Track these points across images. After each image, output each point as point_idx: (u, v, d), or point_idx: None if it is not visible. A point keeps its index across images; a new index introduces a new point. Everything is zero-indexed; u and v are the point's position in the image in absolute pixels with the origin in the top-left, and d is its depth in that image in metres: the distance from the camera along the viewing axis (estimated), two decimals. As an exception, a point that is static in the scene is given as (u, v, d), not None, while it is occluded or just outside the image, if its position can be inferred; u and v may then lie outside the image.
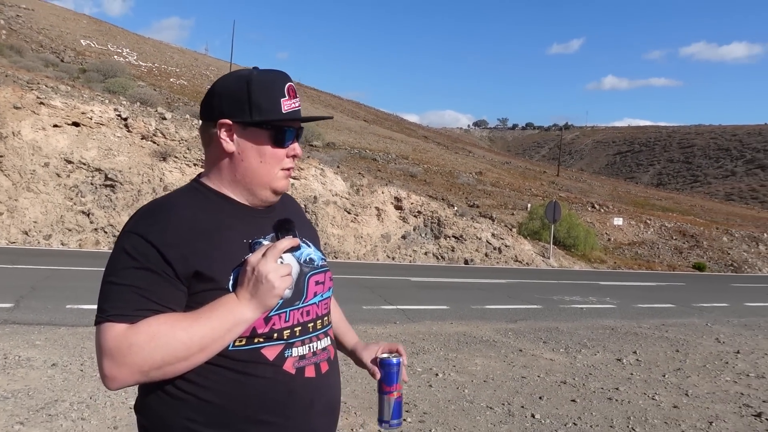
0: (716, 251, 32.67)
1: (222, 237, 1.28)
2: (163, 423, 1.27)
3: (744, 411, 5.44)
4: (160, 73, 47.54)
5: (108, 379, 1.18)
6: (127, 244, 1.23)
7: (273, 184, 1.37)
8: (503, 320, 9.47)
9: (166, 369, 1.19)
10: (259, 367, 1.27)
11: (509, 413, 4.93)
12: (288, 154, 1.37)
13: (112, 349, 1.17)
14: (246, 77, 1.33)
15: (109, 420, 4.10)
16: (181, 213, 1.28)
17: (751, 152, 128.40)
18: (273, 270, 1.23)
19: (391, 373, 1.50)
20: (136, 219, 1.28)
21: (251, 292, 1.22)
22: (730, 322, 10.96)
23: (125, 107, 19.65)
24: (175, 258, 1.21)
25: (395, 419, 1.50)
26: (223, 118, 1.32)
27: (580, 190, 52.38)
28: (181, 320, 1.20)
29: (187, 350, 1.19)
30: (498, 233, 23.42)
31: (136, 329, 1.17)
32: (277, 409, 1.29)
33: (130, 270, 1.20)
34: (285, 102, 1.34)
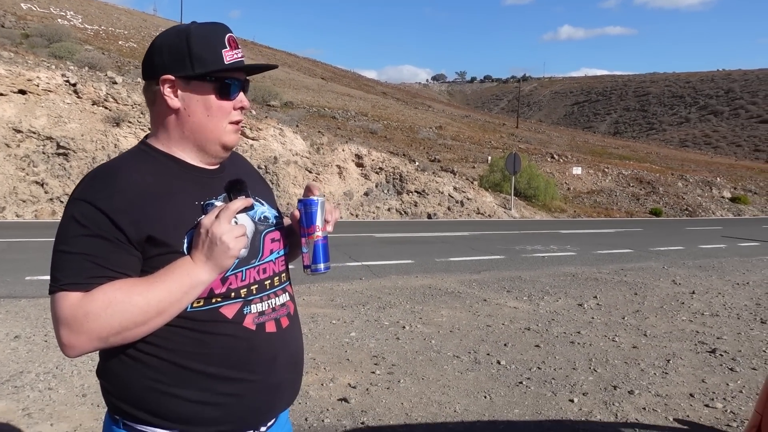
0: (672, 197, 33.55)
1: (173, 200, 1.27)
2: (127, 386, 1.27)
3: (699, 348, 5.68)
4: (107, 36, 45.81)
5: (66, 347, 1.18)
6: (76, 211, 1.20)
7: (222, 138, 1.34)
8: (467, 272, 9.62)
9: (124, 334, 1.19)
10: (218, 325, 1.28)
11: (476, 361, 5.05)
12: (235, 106, 1.34)
13: (68, 317, 1.16)
14: (185, 31, 1.30)
15: (77, 388, 4.07)
16: (129, 177, 1.25)
17: (704, 99, 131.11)
18: (227, 231, 1.22)
19: (309, 213, 1.42)
20: (84, 185, 1.25)
21: (206, 254, 1.21)
22: (686, 264, 11.34)
23: (73, 72, 18.96)
24: (126, 223, 1.19)
25: (319, 263, 1.43)
26: (166, 74, 1.29)
27: (540, 141, 52.91)
28: (137, 285, 1.19)
29: (144, 315, 1.18)
30: (460, 187, 23.59)
31: (91, 297, 1.16)
32: (240, 364, 1.29)
33: (81, 238, 1.19)
34: (227, 53, 1.30)
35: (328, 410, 3.91)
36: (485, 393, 4.31)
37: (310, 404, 3.99)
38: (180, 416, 1.26)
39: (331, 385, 4.36)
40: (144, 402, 1.26)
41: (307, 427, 3.66)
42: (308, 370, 4.54)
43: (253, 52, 66.59)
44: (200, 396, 1.26)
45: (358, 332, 5.78)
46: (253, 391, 1.32)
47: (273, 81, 42.94)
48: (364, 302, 7.07)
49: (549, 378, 4.67)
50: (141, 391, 1.26)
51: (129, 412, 1.27)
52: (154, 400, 1.25)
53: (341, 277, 8.66)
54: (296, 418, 3.74)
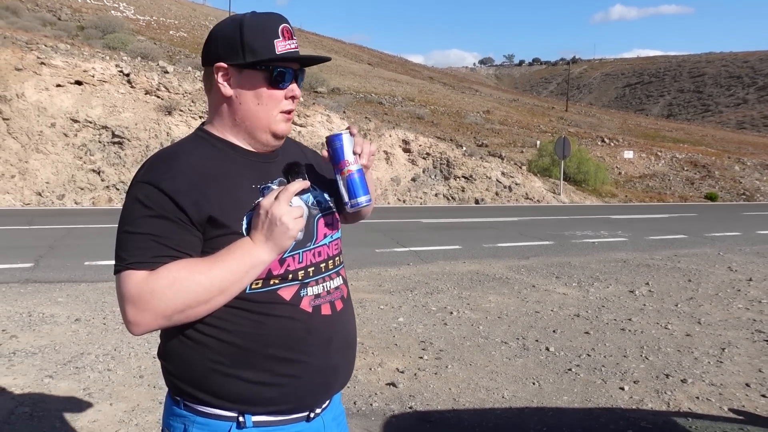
0: (728, 180, 32.44)
1: (232, 183, 1.31)
2: (189, 367, 1.31)
3: (756, 336, 5.51)
4: (159, 26, 46.78)
5: (132, 324, 1.22)
6: (140, 193, 1.25)
7: (273, 126, 1.37)
8: (515, 257, 9.54)
9: (188, 312, 1.23)
10: (277, 307, 1.31)
11: (524, 347, 5.02)
12: (286, 95, 1.37)
13: (134, 295, 1.20)
14: (239, 20, 1.33)
15: (134, 369, 4.23)
16: (189, 160, 1.30)
17: (763, 78, 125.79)
18: (286, 212, 1.25)
19: (335, 149, 1.40)
20: (146, 169, 1.30)
21: (266, 234, 1.25)
22: (742, 250, 10.98)
23: (126, 63, 19.46)
24: (188, 204, 1.24)
25: (357, 197, 1.40)
26: (219, 62, 1.33)
27: (590, 125, 51.78)
28: (200, 264, 1.23)
29: (207, 293, 1.22)
30: (508, 172, 23.33)
31: (156, 275, 1.20)
32: (297, 346, 1.33)
33: (145, 218, 1.23)
34: (279, 43, 1.33)
35: (377, 394, 3.96)
36: (534, 379, 4.29)
37: (359, 388, 4.04)
38: (239, 397, 1.30)
39: (380, 369, 4.40)
40: (204, 383, 1.30)
41: (356, 411, 3.71)
42: (357, 355, 4.59)
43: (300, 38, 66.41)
44: (259, 377, 1.30)
45: (406, 317, 5.81)
46: (309, 372, 1.35)
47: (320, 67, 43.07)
48: (412, 288, 7.09)
49: (599, 365, 4.62)
50: (202, 372, 1.30)
51: (190, 392, 1.32)
52: (215, 381, 1.29)
53: (389, 263, 8.71)
54: (345, 401, 3.80)
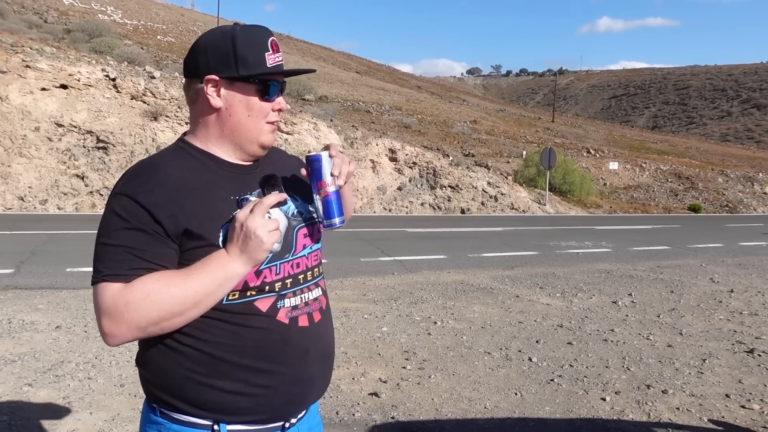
0: (711, 192, 32.80)
1: (209, 195, 1.31)
2: (165, 375, 1.32)
3: (737, 348, 5.57)
4: (146, 30, 46.65)
5: (108, 336, 1.23)
6: (117, 205, 1.26)
7: (260, 138, 1.39)
8: (500, 267, 9.57)
9: (162, 324, 1.23)
10: (253, 318, 1.31)
11: (507, 357, 5.03)
12: (273, 107, 1.39)
13: (109, 307, 1.21)
14: (230, 33, 1.34)
15: (115, 378, 4.19)
16: (168, 173, 1.30)
17: (747, 92, 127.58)
18: (261, 225, 1.25)
19: (315, 169, 1.40)
20: (124, 181, 1.30)
21: (240, 247, 1.25)
22: (725, 261, 11.09)
23: (113, 67, 19.35)
24: (165, 217, 1.24)
25: (332, 217, 1.41)
26: (210, 74, 1.33)
27: (576, 136, 52.18)
28: (175, 277, 1.24)
29: (181, 305, 1.23)
30: (494, 182, 23.44)
31: (131, 287, 1.21)
32: (274, 357, 1.33)
33: (122, 231, 1.24)
34: (269, 56, 1.35)
35: (359, 404, 3.95)
36: (516, 390, 4.30)
37: (341, 398, 4.03)
38: (215, 406, 1.30)
39: (362, 379, 4.40)
40: (181, 391, 1.30)
41: (338, 421, 3.70)
42: (339, 364, 4.59)
43: (288, 46, 67.01)
44: (234, 387, 1.30)
45: (390, 327, 5.80)
46: (285, 383, 1.35)
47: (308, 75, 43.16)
48: (396, 297, 7.09)
49: (581, 376, 4.64)
50: (178, 381, 1.30)
51: (166, 400, 1.32)
52: (191, 389, 1.30)
53: (373, 272, 8.70)
54: (327, 411, 3.78)
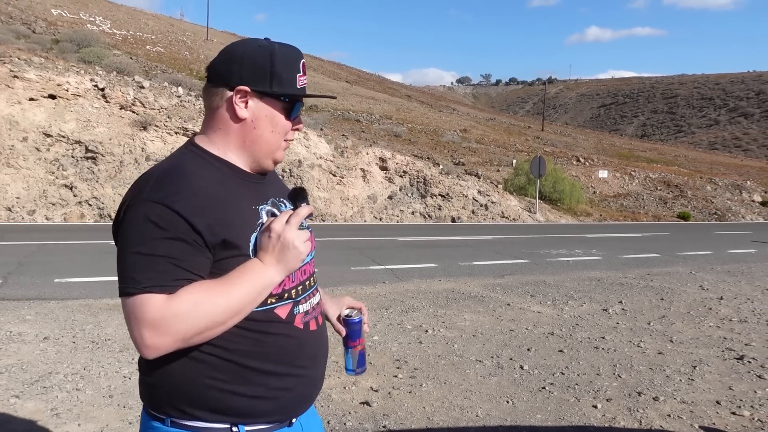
0: (700, 200, 33.04)
1: (237, 204, 1.33)
2: (186, 384, 1.31)
3: (727, 354, 5.59)
4: (135, 40, 46.54)
5: (148, 348, 1.21)
6: (151, 213, 1.22)
7: (275, 153, 1.42)
8: (491, 276, 9.58)
9: (205, 334, 1.24)
10: (274, 325, 1.35)
11: (498, 365, 5.03)
12: (293, 126, 1.43)
13: (156, 319, 1.19)
14: (269, 48, 1.36)
15: (104, 389, 4.14)
16: (200, 181, 1.29)
17: (734, 101, 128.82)
18: (297, 236, 1.31)
19: (354, 330, 1.60)
20: (153, 187, 1.26)
21: (277, 257, 1.29)
22: (714, 269, 11.16)
23: (102, 77, 19.30)
24: (203, 227, 1.23)
25: (360, 368, 1.64)
26: (242, 85, 1.34)
27: (565, 144, 52.47)
28: (217, 287, 1.24)
29: (225, 315, 1.24)
30: (484, 190, 23.50)
31: (178, 298, 1.20)
32: (292, 361, 1.38)
33: (161, 240, 1.21)
34: (300, 77, 1.40)
35: (350, 413, 3.92)
36: (507, 398, 4.29)
37: (333, 407, 4.01)
38: (235, 411, 1.32)
39: (354, 388, 4.37)
40: (202, 399, 1.31)
41: (330, 430, 3.68)
42: (330, 374, 4.56)
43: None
44: (255, 391, 1.33)
45: (381, 336, 5.79)
46: (300, 384, 1.41)
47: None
48: (387, 306, 7.08)
49: (572, 383, 4.63)
50: (199, 389, 1.31)
51: (183, 409, 1.32)
52: (213, 397, 1.31)
53: (364, 281, 8.68)
54: (318, 420, 3.76)
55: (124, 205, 1.27)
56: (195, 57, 47.87)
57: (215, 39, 62.15)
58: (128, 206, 1.26)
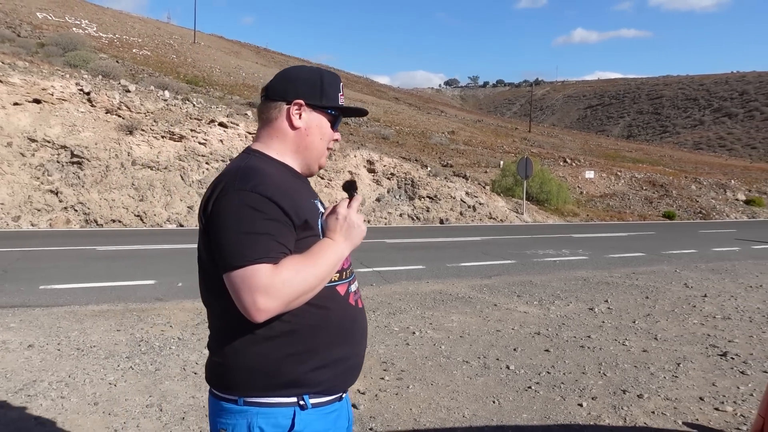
0: (685, 200, 33.30)
1: (302, 195, 1.57)
2: (264, 361, 1.48)
3: (710, 351, 5.64)
4: (122, 44, 46.28)
5: (260, 311, 1.38)
6: (248, 199, 1.42)
7: (321, 159, 1.68)
8: (478, 277, 9.61)
9: (302, 298, 1.44)
10: (335, 301, 1.56)
11: (485, 366, 5.05)
12: (334, 137, 1.69)
13: (267, 284, 1.37)
14: (319, 71, 1.66)
15: (89, 397, 4.12)
16: (272, 174, 1.52)
17: (718, 101, 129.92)
18: (359, 217, 1.57)
19: None
20: (240, 180, 1.46)
21: (345, 235, 1.54)
22: (698, 267, 11.26)
23: (87, 81, 19.19)
24: (290, 210, 1.46)
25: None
26: (298, 99, 1.60)
27: (552, 145, 52.71)
28: (306, 259, 1.45)
29: (316, 281, 1.45)
30: (472, 192, 23.57)
31: (282, 267, 1.40)
32: (348, 334, 1.59)
33: (260, 221, 1.42)
34: (341, 96, 1.68)
35: (337, 416, 3.92)
36: (494, 398, 4.32)
37: (319, 410, 4.00)
38: (303, 382, 1.50)
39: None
40: (277, 373, 1.48)
41: (316, 433, 3.67)
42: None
43: (265, 59, 67.03)
44: (321, 361, 1.52)
45: (368, 338, 5.78)
46: (354, 355, 1.62)
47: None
48: (375, 308, 7.09)
49: (558, 382, 4.67)
50: (276, 364, 1.48)
51: (256, 386, 1.48)
52: (285, 371, 1.48)
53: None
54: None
55: (213, 197, 1.47)
56: (182, 60, 47.69)
57: (202, 42, 61.96)
58: (219, 197, 1.46)
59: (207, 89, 35.97)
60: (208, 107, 21.88)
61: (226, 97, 34.21)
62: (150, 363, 4.87)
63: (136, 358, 5.00)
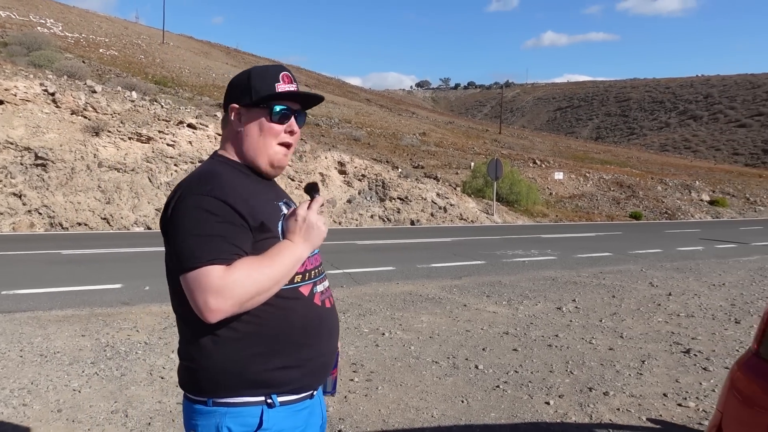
0: (651, 200, 33.90)
1: (263, 197, 1.59)
2: (228, 362, 1.51)
3: (674, 348, 5.76)
4: (88, 43, 45.47)
5: (213, 312, 1.40)
6: (203, 203, 1.47)
7: (271, 157, 1.64)
8: (448, 277, 9.66)
9: (255, 299, 1.45)
10: (298, 301, 1.58)
11: (454, 366, 5.08)
12: (285, 130, 1.65)
13: (218, 285, 1.40)
14: (248, 71, 1.67)
15: (52, 404, 4.04)
16: (231, 178, 1.56)
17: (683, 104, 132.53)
18: (318, 219, 1.57)
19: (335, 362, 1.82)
20: (198, 185, 1.51)
21: (304, 236, 1.55)
22: (663, 266, 11.47)
23: (52, 81, 18.83)
24: (246, 212, 1.49)
25: (333, 390, 1.88)
26: (233, 104, 1.65)
27: (522, 147, 53.22)
28: (262, 260, 1.47)
29: (270, 282, 1.46)
30: (443, 193, 23.68)
31: (234, 268, 1.42)
32: (313, 333, 1.60)
33: (215, 224, 1.45)
34: (279, 86, 1.63)
35: (305, 418, 3.91)
36: (462, 398, 4.35)
37: (287, 412, 3.99)
38: (270, 382, 1.52)
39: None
40: (243, 373, 1.50)
41: (284, 435, 3.66)
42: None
43: (236, 59, 66.48)
44: (286, 361, 1.54)
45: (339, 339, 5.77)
46: (321, 354, 1.63)
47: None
48: (345, 310, 7.08)
49: (526, 381, 4.72)
50: (241, 364, 1.50)
51: (223, 387, 1.50)
52: (252, 370, 1.51)
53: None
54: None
55: (172, 202, 1.51)
56: (150, 61, 47.05)
57: (171, 42, 61.20)
58: (177, 201, 1.50)
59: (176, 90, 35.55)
60: (176, 108, 21.61)
61: (195, 98, 33.85)
62: (116, 368, 4.80)
63: (102, 363, 4.92)
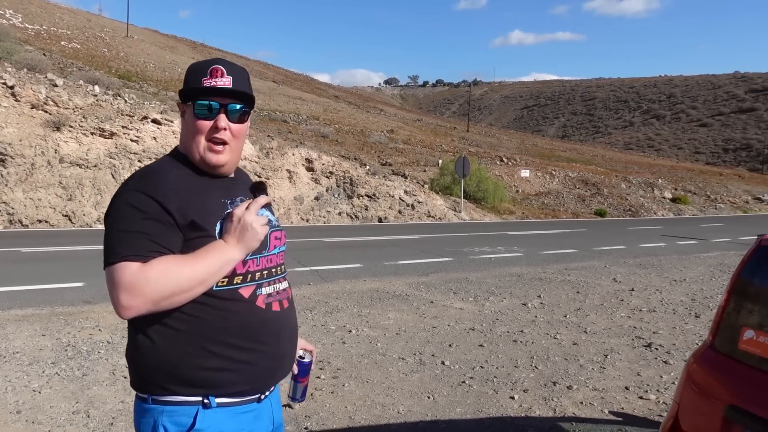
0: (616, 198, 34.49)
1: (206, 195, 1.56)
2: (161, 358, 1.49)
3: (636, 343, 5.88)
4: (49, 36, 44.44)
5: (124, 308, 1.40)
6: (133, 199, 1.46)
7: (201, 153, 1.58)
8: (415, 274, 9.70)
9: (172, 299, 1.43)
10: (237, 303, 1.54)
11: (420, 362, 5.10)
12: (213, 126, 1.58)
13: (130, 282, 1.39)
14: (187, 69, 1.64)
15: (11, 405, 3.94)
16: (171, 175, 1.54)
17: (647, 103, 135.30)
18: (255, 220, 1.52)
19: (304, 369, 1.85)
20: (135, 180, 1.51)
21: (238, 237, 1.51)
22: (627, 262, 11.69)
23: (11, 74, 18.34)
24: (174, 210, 1.46)
25: (302, 398, 1.92)
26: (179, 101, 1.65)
27: (490, 145, 53.68)
28: (185, 259, 1.46)
29: (190, 283, 1.44)
30: (410, 190, 23.74)
31: (149, 266, 1.40)
32: (254, 336, 1.55)
33: (140, 220, 1.44)
34: (205, 80, 1.57)
35: (271, 415, 3.89)
36: (429, 393, 4.37)
37: (253, 410, 3.96)
38: (205, 382, 1.50)
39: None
40: (175, 371, 1.48)
41: (249, 433, 3.63)
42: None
43: (202, 54, 65.57)
44: (222, 363, 1.51)
45: (305, 338, 5.76)
46: (263, 358, 1.57)
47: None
48: (312, 307, 7.05)
49: (491, 376, 4.76)
50: (173, 362, 1.49)
51: (160, 383, 1.49)
52: (185, 368, 1.49)
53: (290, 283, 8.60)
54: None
55: (112, 198, 1.51)
56: (114, 54, 46.19)
57: (136, 36, 60.16)
58: (114, 196, 1.51)
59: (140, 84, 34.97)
60: (140, 103, 21.25)
61: (160, 93, 33.34)
62: (77, 368, 4.70)
63: (63, 363, 4.82)
